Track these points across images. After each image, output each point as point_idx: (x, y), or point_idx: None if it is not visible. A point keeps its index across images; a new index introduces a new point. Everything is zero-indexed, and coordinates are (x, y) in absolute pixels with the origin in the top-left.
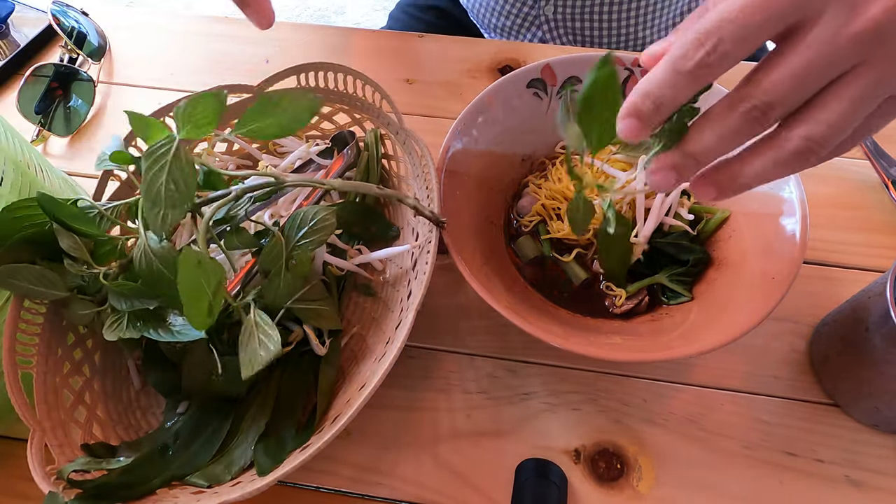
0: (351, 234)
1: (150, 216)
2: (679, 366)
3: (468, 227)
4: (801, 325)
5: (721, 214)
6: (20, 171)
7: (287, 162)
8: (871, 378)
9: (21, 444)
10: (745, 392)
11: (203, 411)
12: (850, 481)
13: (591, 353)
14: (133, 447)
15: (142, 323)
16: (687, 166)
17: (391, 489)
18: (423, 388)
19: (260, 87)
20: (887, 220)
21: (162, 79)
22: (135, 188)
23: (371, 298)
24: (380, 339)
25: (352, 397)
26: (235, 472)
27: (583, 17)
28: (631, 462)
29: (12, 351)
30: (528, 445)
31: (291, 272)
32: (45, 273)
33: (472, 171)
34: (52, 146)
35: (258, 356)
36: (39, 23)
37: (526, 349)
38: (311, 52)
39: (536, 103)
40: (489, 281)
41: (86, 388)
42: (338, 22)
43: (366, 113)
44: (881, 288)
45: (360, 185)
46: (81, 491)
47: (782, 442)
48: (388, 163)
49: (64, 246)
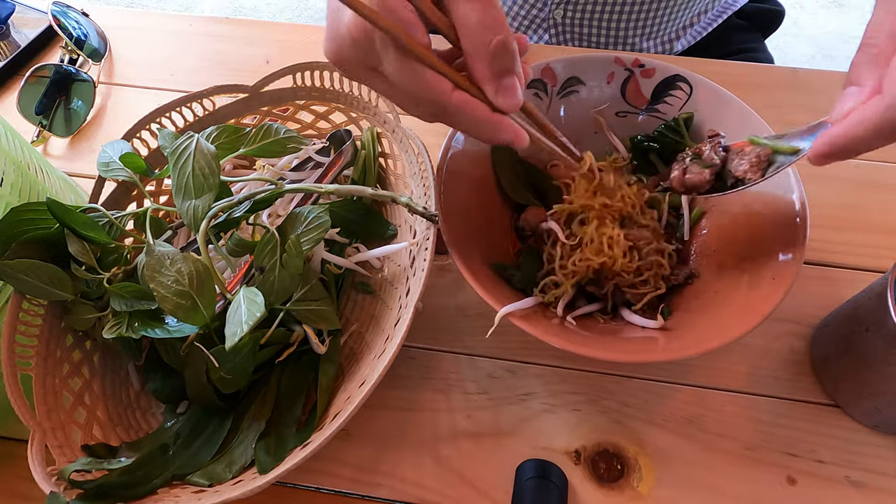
0: (349, 233)
1: (182, 210)
2: (679, 366)
3: (468, 227)
4: (802, 326)
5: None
6: (21, 171)
7: (284, 161)
8: (871, 379)
9: (21, 444)
10: (746, 393)
11: (203, 411)
12: (850, 482)
13: (592, 353)
14: (134, 447)
15: (140, 323)
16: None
17: (391, 489)
18: (423, 389)
19: (255, 87)
20: (887, 220)
21: (162, 79)
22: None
23: (370, 296)
24: (379, 336)
25: (352, 395)
26: (236, 471)
27: (591, 23)
28: (631, 463)
29: (11, 352)
30: (528, 446)
31: (286, 267)
32: (56, 273)
33: (472, 171)
34: (53, 147)
35: (243, 325)
36: (40, 23)
37: (526, 349)
38: (312, 52)
39: (536, 103)
40: (489, 281)
41: (85, 390)
42: None
43: (362, 112)
44: (881, 288)
45: (353, 188)
46: (83, 491)
47: (783, 443)
48: (385, 161)
49: (72, 251)
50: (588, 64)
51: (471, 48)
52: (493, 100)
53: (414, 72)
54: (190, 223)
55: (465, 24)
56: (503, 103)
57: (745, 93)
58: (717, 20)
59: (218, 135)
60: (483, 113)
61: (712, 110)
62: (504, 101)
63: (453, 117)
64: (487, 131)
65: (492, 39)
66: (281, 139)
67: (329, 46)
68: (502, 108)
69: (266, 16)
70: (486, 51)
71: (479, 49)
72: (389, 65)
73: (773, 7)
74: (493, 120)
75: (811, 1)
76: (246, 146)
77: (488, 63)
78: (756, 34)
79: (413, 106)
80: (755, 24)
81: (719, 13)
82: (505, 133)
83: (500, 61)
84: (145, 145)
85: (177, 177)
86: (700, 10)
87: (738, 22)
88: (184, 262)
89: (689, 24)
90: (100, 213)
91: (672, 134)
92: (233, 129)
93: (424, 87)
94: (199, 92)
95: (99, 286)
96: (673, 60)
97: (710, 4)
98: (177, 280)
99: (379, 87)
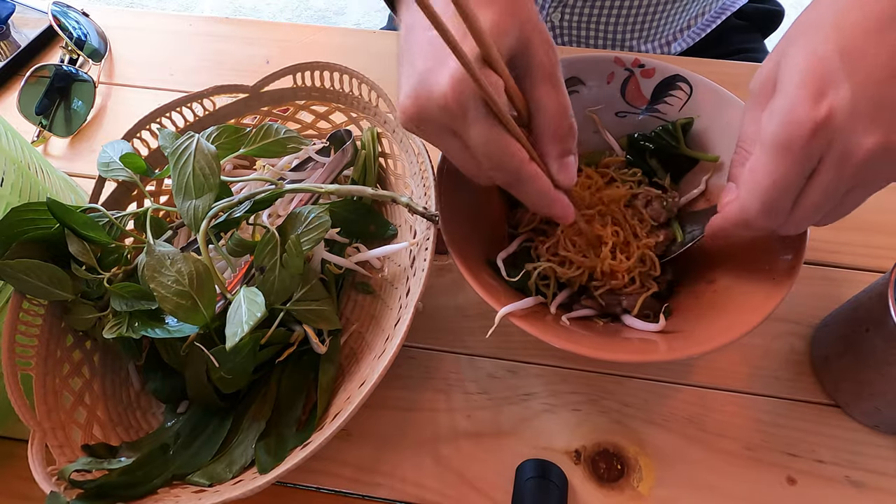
0: (349, 233)
1: (182, 210)
2: (679, 366)
3: (468, 227)
4: (802, 326)
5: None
6: (21, 171)
7: (284, 161)
8: (871, 379)
9: (21, 444)
10: (746, 392)
11: (203, 411)
12: (850, 482)
13: (592, 353)
14: (134, 447)
15: (140, 323)
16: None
17: (391, 489)
18: (423, 389)
19: (256, 87)
20: (887, 220)
21: (162, 79)
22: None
23: (370, 296)
24: (379, 336)
25: (352, 395)
26: (237, 471)
27: (588, 26)
28: (631, 463)
29: (12, 352)
30: (528, 446)
31: (286, 267)
32: (57, 273)
33: None
34: (53, 147)
35: (243, 325)
36: (40, 24)
37: (526, 349)
38: (312, 52)
39: None
40: (489, 281)
41: (85, 390)
42: (338, 22)
43: (362, 112)
44: (881, 288)
45: (353, 188)
46: (83, 491)
47: (783, 442)
48: (385, 161)
49: (73, 251)
50: (588, 64)
51: (544, 128)
52: (554, 175)
53: (501, 138)
54: (190, 223)
55: (542, 106)
56: (563, 179)
57: (745, 93)
58: (715, 22)
59: (218, 135)
60: (548, 187)
61: (712, 110)
62: (564, 178)
63: (523, 186)
64: (546, 204)
65: (563, 124)
66: (281, 139)
67: (412, 106)
68: (561, 183)
69: (266, 16)
70: (558, 133)
71: (552, 130)
72: (477, 129)
73: (773, 7)
74: (553, 196)
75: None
76: (246, 146)
77: (557, 143)
78: (755, 34)
79: (487, 170)
80: (755, 25)
81: (717, 15)
82: (559, 208)
83: (566, 143)
84: (145, 145)
85: (177, 177)
86: (698, 13)
87: (737, 22)
88: (184, 262)
89: (687, 26)
90: (100, 213)
91: (668, 137)
92: (233, 129)
93: (508, 155)
94: (200, 92)
95: (99, 286)
96: (673, 60)
97: (707, 7)
98: (177, 280)
99: (453, 149)
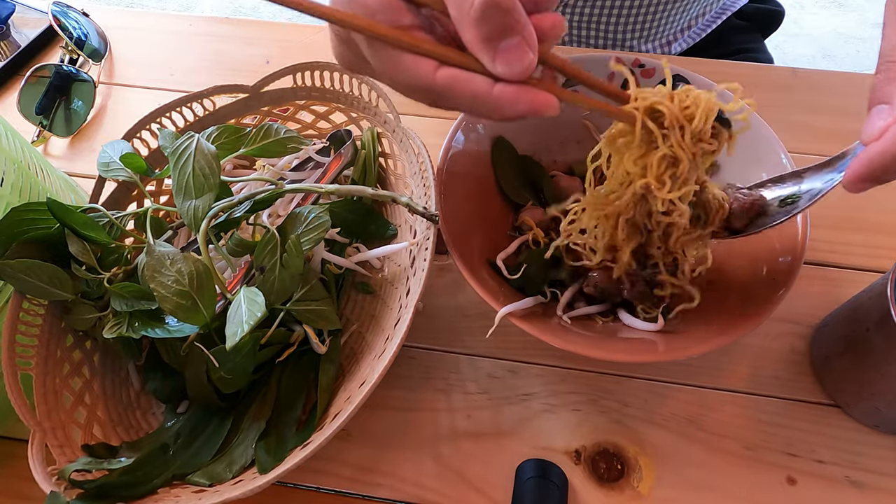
0: (349, 233)
1: (182, 210)
2: (679, 366)
3: (468, 228)
4: (802, 326)
5: None
6: (21, 171)
7: (284, 161)
8: (871, 379)
9: (21, 444)
10: (746, 392)
11: (203, 411)
12: (850, 482)
13: (592, 353)
14: (134, 447)
15: (140, 323)
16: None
17: (391, 489)
18: (423, 389)
19: (256, 87)
20: (887, 220)
21: (162, 79)
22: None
23: (370, 296)
24: (379, 336)
25: (352, 394)
26: (237, 471)
27: (588, 26)
28: (631, 463)
29: (12, 352)
30: (528, 446)
31: (286, 267)
32: (57, 272)
33: (472, 171)
34: (53, 147)
35: (243, 325)
36: (40, 24)
37: (526, 349)
38: (312, 52)
39: None
40: (489, 281)
41: (85, 390)
42: None
43: (362, 112)
44: (881, 288)
45: (353, 188)
46: (83, 491)
47: (783, 442)
48: (385, 161)
49: (73, 251)
50: (588, 64)
51: (455, 12)
52: (491, 69)
53: (391, 59)
54: (190, 223)
55: None
56: (503, 71)
57: (745, 93)
58: (716, 22)
59: (218, 135)
60: (478, 87)
61: None
62: (504, 69)
63: (447, 100)
64: (492, 108)
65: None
66: (281, 139)
67: (333, 49)
68: (504, 76)
69: (266, 16)
70: (473, 12)
71: (463, 11)
72: (370, 57)
73: (773, 7)
74: (495, 94)
75: (811, 1)
76: (246, 146)
77: (475, 26)
78: (756, 34)
79: (410, 93)
80: (755, 25)
81: (717, 15)
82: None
83: (489, 21)
84: (145, 145)
85: (177, 177)
86: (698, 13)
87: (737, 22)
88: (184, 262)
89: (688, 26)
90: (100, 213)
91: None
92: (233, 129)
93: (403, 72)
94: (200, 92)
95: (99, 286)
96: (673, 61)
97: (708, 7)
98: (177, 280)
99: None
